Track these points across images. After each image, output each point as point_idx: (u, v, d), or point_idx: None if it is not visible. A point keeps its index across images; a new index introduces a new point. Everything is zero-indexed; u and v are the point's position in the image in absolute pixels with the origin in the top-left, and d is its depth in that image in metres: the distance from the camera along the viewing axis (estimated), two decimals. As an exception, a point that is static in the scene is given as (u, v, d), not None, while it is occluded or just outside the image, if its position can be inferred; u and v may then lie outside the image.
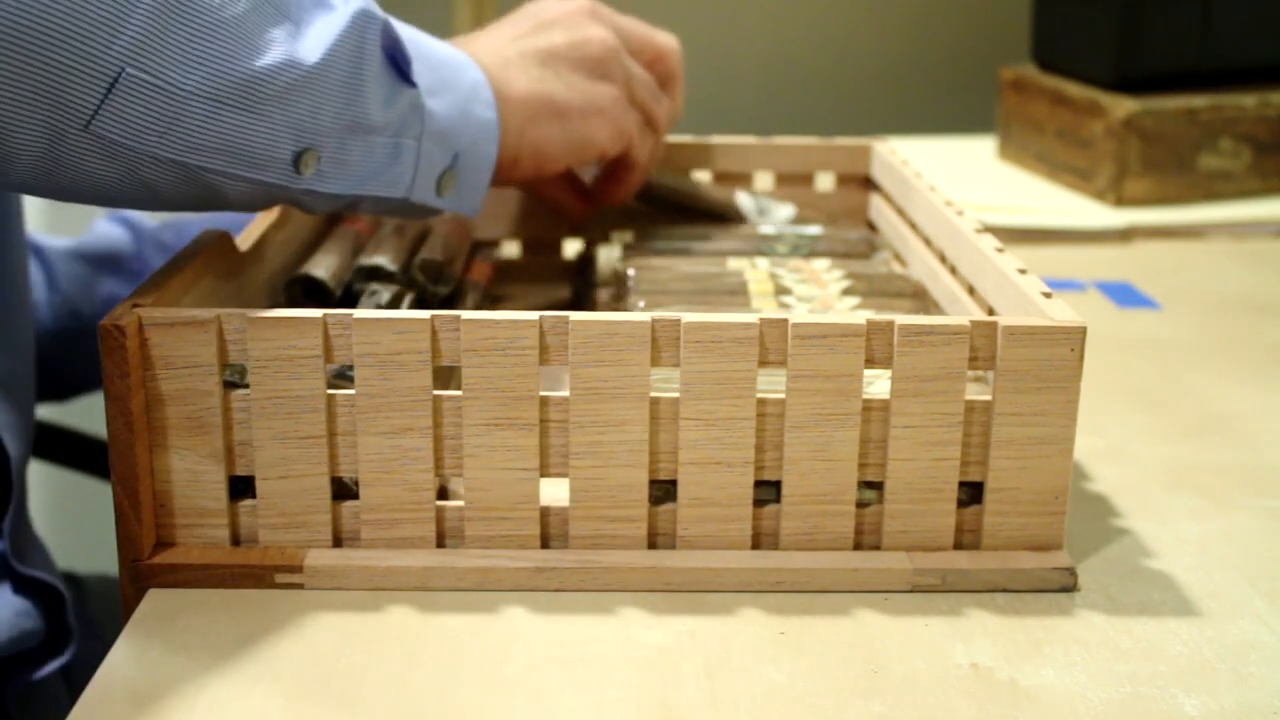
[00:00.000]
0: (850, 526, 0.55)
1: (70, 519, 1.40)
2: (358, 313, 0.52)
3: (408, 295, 0.68)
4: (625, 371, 0.52)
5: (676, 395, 0.53)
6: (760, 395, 0.53)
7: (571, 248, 0.86)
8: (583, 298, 0.77)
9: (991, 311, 0.61)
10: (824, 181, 0.86)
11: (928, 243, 0.73)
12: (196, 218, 0.93)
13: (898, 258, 0.77)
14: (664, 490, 0.55)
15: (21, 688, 0.71)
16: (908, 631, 0.52)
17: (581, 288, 0.78)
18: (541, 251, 0.86)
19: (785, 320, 0.52)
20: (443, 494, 0.56)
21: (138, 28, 0.49)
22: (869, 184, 0.85)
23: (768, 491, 0.55)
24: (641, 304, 0.67)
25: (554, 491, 0.54)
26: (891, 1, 1.52)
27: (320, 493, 0.54)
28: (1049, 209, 1.10)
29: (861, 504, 0.55)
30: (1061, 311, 0.54)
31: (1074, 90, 1.15)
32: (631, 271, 0.71)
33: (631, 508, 0.54)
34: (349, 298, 0.68)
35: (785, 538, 0.55)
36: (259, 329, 0.52)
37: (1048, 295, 0.56)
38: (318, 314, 0.52)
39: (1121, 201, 1.10)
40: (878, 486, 0.55)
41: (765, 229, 0.80)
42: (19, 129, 0.48)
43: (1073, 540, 0.58)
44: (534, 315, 0.52)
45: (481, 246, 0.83)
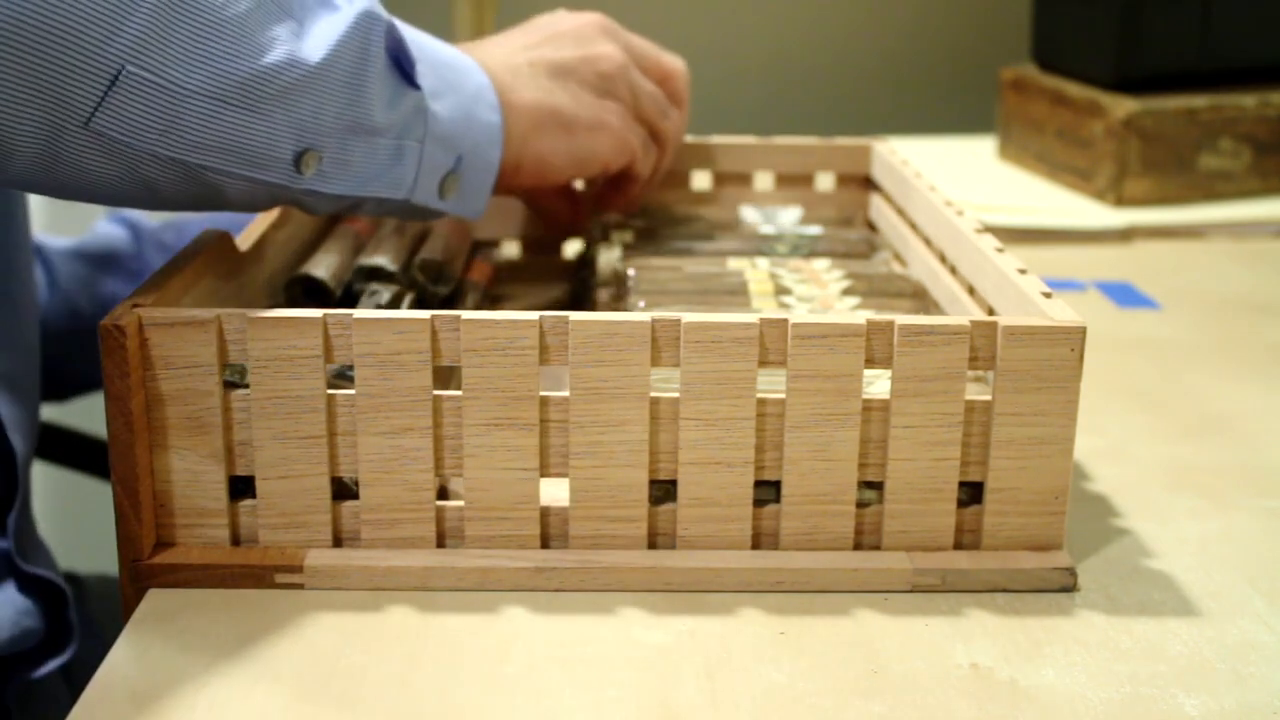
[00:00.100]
0: (850, 526, 0.55)
1: (70, 519, 1.40)
2: (358, 313, 0.52)
3: (408, 295, 0.68)
4: (625, 371, 0.52)
5: (676, 395, 0.53)
6: (760, 395, 0.53)
7: (571, 248, 0.86)
8: (583, 298, 0.77)
9: (991, 311, 0.61)
10: (824, 181, 0.86)
11: (928, 243, 0.73)
12: (197, 218, 0.93)
13: (898, 258, 0.77)
14: (664, 490, 0.55)
15: (21, 687, 0.71)
16: (908, 631, 0.52)
17: (581, 288, 0.78)
18: (541, 251, 0.86)
19: (785, 320, 0.52)
20: (443, 494, 0.56)
21: (139, 25, 0.49)
22: (869, 184, 0.85)
23: (768, 491, 0.55)
24: (641, 304, 0.67)
25: (554, 491, 0.54)
26: (891, 1, 1.52)
27: (320, 493, 0.54)
28: (1049, 209, 1.10)
29: (861, 504, 0.55)
30: (1061, 311, 0.54)
31: (1074, 90, 1.15)
32: (631, 271, 0.71)
33: (631, 508, 0.54)
34: (349, 298, 0.68)
35: (785, 538, 0.55)
36: (259, 329, 0.52)
37: (1048, 295, 0.56)
38: (318, 314, 0.52)
39: (1121, 201, 1.10)
40: (878, 486, 0.55)
41: (765, 229, 0.80)
42: (18, 125, 0.48)
43: (1073, 540, 0.58)
44: (534, 315, 0.52)
45: (481, 246, 0.84)
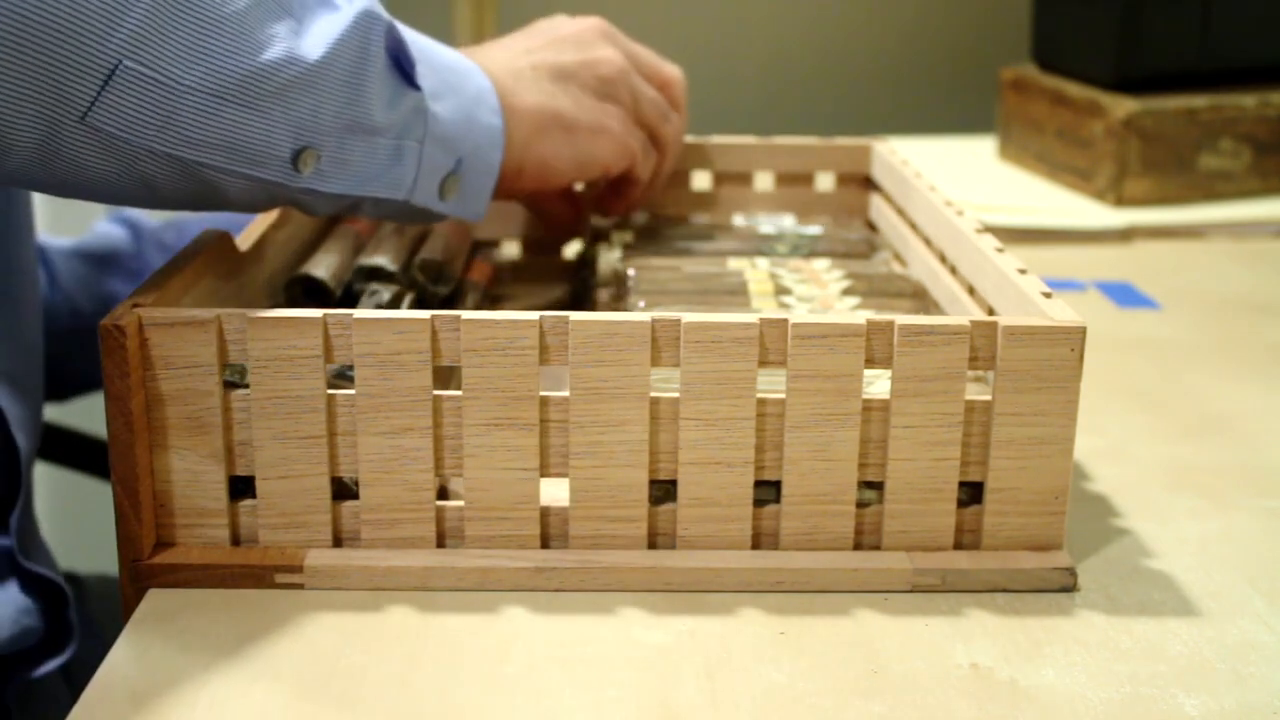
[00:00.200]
0: (850, 526, 0.55)
1: (70, 519, 1.40)
2: (358, 313, 0.52)
3: (408, 295, 0.68)
4: (625, 371, 0.52)
5: (676, 395, 0.53)
6: (760, 395, 0.53)
7: (571, 248, 0.86)
8: (583, 298, 0.77)
9: (991, 311, 0.61)
10: (824, 181, 0.86)
11: (928, 243, 0.73)
12: (197, 218, 0.93)
13: (898, 258, 0.77)
14: (664, 490, 0.55)
15: (21, 686, 0.71)
16: (908, 631, 0.52)
17: (581, 288, 0.78)
18: (541, 251, 0.86)
19: (785, 320, 0.52)
20: (443, 494, 0.56)
21: (137, 21, 0.49)
22: (869, 184, 0.85)
23: (768, 491, 0.55)
24: (641, 304, 0.67)
25: (554, 491, 0.54)
26: (891, 1, 1.52)
27: (320, 493, 0.54)
28: (1049, 209, 1.10)
29: (861, 504, 0.55)
30: (1061, 311, 0.54)
31: (1074, 90, 1.15)
32: (631, 271, 0.71)
33: (631, 508, 0.54)
34: (349, 298, 0.68)
35: (785, 538, 0.55)
36: (259, 329, 0.52)
37: (1048, 295, 0.56)
38: (318, 314, 0.52)
39: (1121, 201, 1.10)
40: (878, 486, 0.55)
41: (765, 229, 0.80)
42: (15, 120, 0.48)
43: (1073, 540, 0.58)
44: (534, 315, 0.52)
45: (481, 246, 0.84)
